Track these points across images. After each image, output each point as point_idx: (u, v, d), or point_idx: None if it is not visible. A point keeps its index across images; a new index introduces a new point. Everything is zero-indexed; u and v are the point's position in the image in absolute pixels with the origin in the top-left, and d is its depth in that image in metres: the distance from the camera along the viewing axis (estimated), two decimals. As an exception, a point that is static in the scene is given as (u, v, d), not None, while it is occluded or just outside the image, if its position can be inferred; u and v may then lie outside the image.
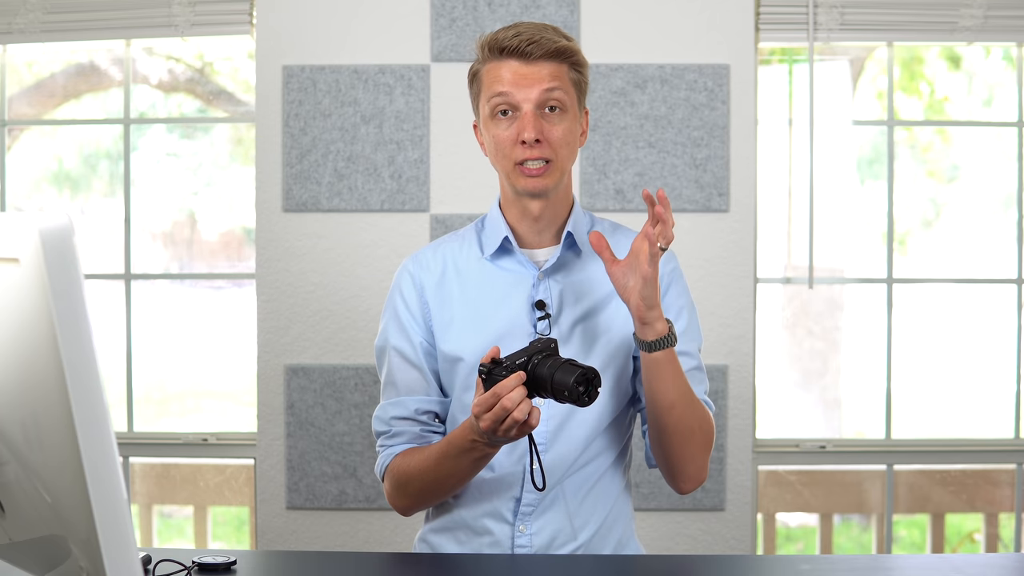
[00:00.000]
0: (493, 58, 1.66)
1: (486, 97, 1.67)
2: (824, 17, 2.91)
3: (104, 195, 3.57)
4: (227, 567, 1.54)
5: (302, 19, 2.89)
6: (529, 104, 1.63)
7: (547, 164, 1.64)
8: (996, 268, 3.31)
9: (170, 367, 3.82)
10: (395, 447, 1.72)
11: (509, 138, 1.65)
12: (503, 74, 1.64)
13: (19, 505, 0.97)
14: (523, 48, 1.63)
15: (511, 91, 1.63)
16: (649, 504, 2.86)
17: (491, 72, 1.66)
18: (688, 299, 1.76)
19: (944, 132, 3.64)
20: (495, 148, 1.67)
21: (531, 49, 1.63)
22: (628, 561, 1.70)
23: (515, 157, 1.64)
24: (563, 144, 1.65)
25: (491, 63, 1.66)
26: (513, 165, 1.65)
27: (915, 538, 4.11)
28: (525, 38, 1.63)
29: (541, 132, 1.63)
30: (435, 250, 1.78)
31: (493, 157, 1.69)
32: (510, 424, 1.48)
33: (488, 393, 1.49)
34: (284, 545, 2.92)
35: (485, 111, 1.68)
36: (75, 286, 0.82)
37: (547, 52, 1.63)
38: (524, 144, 1.63)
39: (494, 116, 1.66)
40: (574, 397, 1.48)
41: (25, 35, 2.95)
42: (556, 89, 1.64)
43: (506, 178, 1.68)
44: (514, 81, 1.63)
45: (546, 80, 1.63)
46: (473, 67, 1.71)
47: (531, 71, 1.63)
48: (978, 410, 3.70)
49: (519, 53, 1.63)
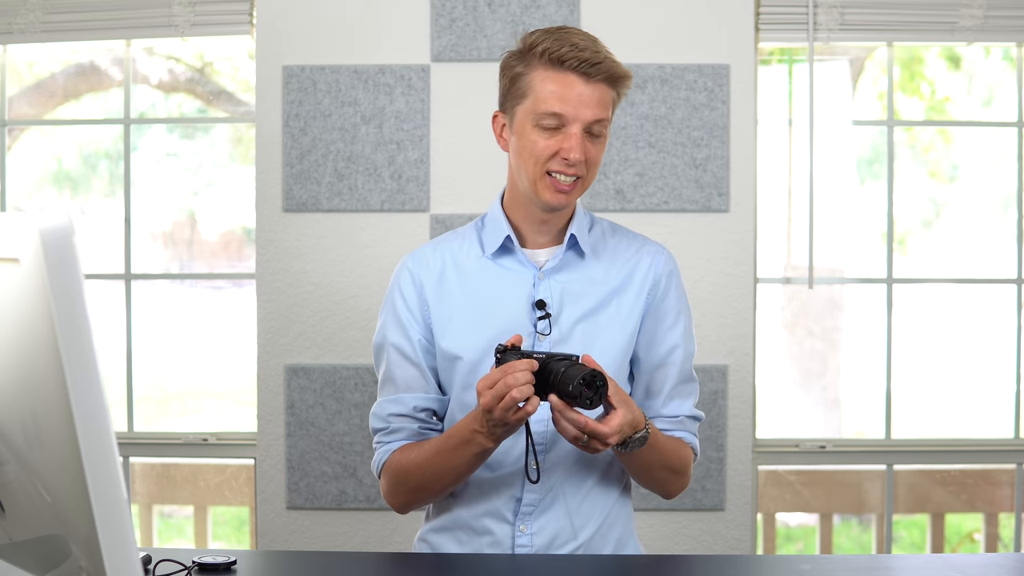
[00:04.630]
0: (551, 67, 1.61)
1: (533, 106, 1.62)
2: (824, 17, 2.91)
3: (104, 195, 3.57)
4: (227, 567, 1.54)
5: (302, 19, 2.89)
6: (578, 125, 1.61)
7: (577, 181, 1.64)
8: (996, 268, 3.31)
9: (170, 367, 3.82)
10: (392, 443, 1.72)
11: (549, 149, 1.62)
12: (559, 90, 1.60)
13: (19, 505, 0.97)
14: (585, 69, 1.60)
15: (565, 111, 1.60)
16: (649, 504, 2.86)
17: (545, 82, 1.61)
18: (685, 304, 1.77)
19: (944, 132, 3.65)
20: (529, 153, 1.64)
21: (594, 71, 1.60)
22: (628, 561, 1.70)
23: (550, 167, 1.63)
24: (595, 164, 1.66)
25: (545, 71, 1.62)
26: (544, 174, 1.64)
27: (915, 538, 4.10)
28: (588, 58, 1.60)
29: (584, 152, 1.62)
30: (435, 248, 1.78)
31: (520, 159, 1.66)
32: (508, 403, 1.49)
33: (497, 370, 1.51)
34: (284, 545, 2.92)
35: (526, 117, 1.64)
36: (75, 286, 0.82)
37: (608, 77, 1.62)
38: (565, 160, 1.61)
39: (536, 124, 1.63)
40: (576, 394, 1.48)
41: (25, 35, 2.95)
42: (603, 120, 1.63)
43: (530, 184, 1.65)
44: (572, 101, 1.60)
45: (598, 107, 1.61)
46: (514, 64, 1.66)
47: (587, 93, 1.60)
48: (978, 410, 3.70)
49: (581, 71, 1.60)
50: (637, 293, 1.73)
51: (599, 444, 1.54)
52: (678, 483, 1.76)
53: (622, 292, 1.73)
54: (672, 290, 1.75)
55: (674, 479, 1.74)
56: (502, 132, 1.70)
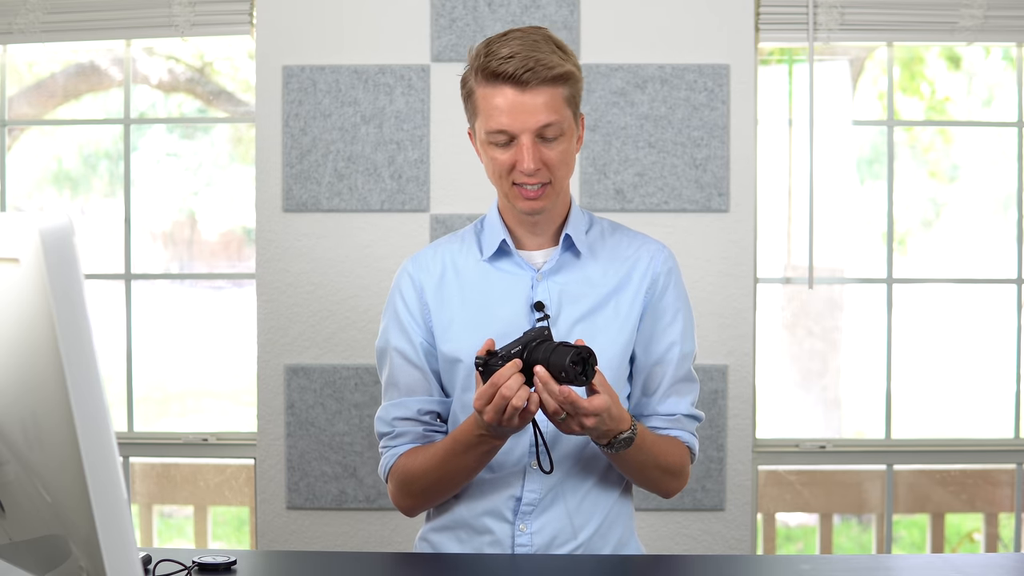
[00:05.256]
0: (487, 83, 1.61)
1: (483, 124, 1.63)
2: (824, 17, 2.91)
3: (104, 195, 3.57)
4: (227, 567, 1.54)
5: (302, 19, 2.89)
6: (527, 135, 1.60)
7: (545, 186, 1.64)
8: (996, 268, 3.31)
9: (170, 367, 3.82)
10: (398, 448, 1.72)
11: (507, 162, 1.62)
12: (499, 103, 1.60)
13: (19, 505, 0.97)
14: (519, 76, 1.58)
15: (508, 126, 1.60)
16: (649, 504, 2.86)
17: (486, 99, 1.62)
18: (685, 303, 1.77)
19: (945, 132, 3.65)
20: (492, 168, 1.65)
21: (527, 77, 1.58)
22: (628, 561, 1.70)
23: (513, 179, 1.63)
24: (560, 164, 1.64)
25: (486, 88, 1.61)
26: (511, 186, 1.64)
27: (915, 538, 4.11)
28: (520, 64, 1.57)
29: (539, 160, 1.61)
30: (435, 251, 1.78)
31: (490, 174, 1.68)
32: (511, 413, 1.49)
33: (487, 385, 1.50)
34: (284, 545, 2.92)
35: (482, 134, 1.65)
36: (75, 286, 0.82)
37: (543, 80, 1.59)
38: (522, 172, 1.61)
39: (491, 142, 1.63)
40: (571, 377, 1.48)
41: (25, 35, 2.95)
42: (553, 124, 1.60)
43: (504, 197, 1.68)
44: (511, 114, 1.59)
45: (542, 111, 1.59)
46: (467, 81, 1.66)
47: (527, 100, 1.59)
48: (978, 410, 3.70)
49: (514, 80, 1.58)
50: (635, 292, 1.73)
51: (575, 425, 1.53)
52: (674, 483, 1.75)
53: (620, 292, 1.73)
54: (671, 288, 1.75)
55: (669, 479, 1.73)
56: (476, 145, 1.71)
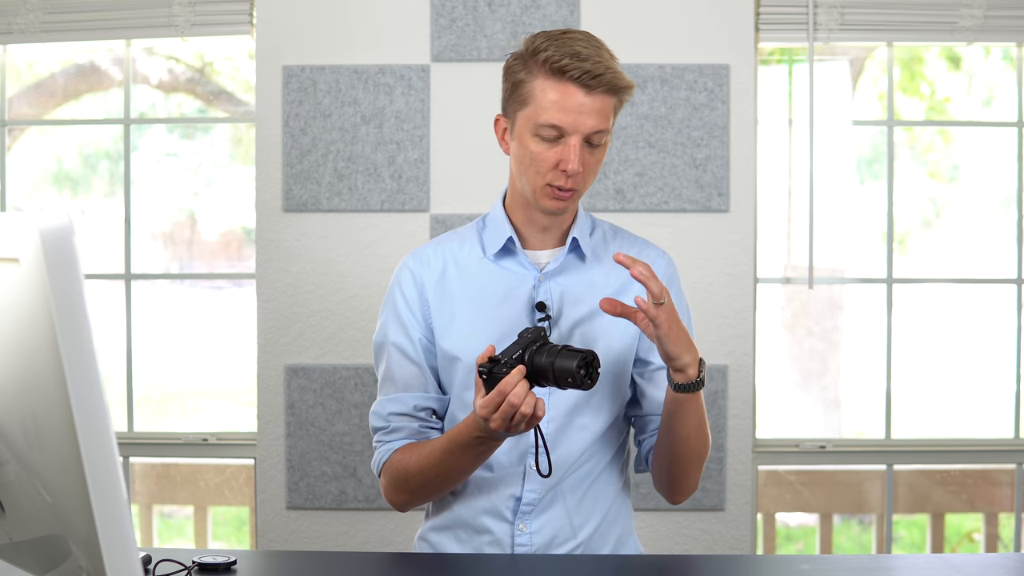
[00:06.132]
0: (552, 77, 1.60)
1: (534, 115, 1.61)
2: (824, 17, 2.91)
3: (104, 195, 3.57)
4: (227, 567, 1.54)
5: (302, 19, 2.89)
6: (578, 137, 1.60)
7: (574, 191, 1.64)
8: (996, 268, 3.31)
9: (170, 367, 3.82)
10: (393, 443, 1.72)
11: (550, 160, 1.62)
12: (559, 100, 1.59)
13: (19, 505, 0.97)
14: (586, 80, 1.58)
15: (564, 123, 1.59)
16: (649, 504, 2.86)
17: (545, 92, 1.60)
18: (685, 309, 1.76)
19: (945, 132, 3.65)
20: (529, 162, 1.63)
21: (595, 83, 1.58)
22: (628, 561, 1.70)
23: (550, 179, 1.63)
24: (592, 173, 1.65)
25: (546, 80, 1.60)
26: (544, 184, 1.63)
27: (915, 538, 4.11)
28: (590, 69, 1.57)
29: (582, 163, 1.61)
30: (436, 247, 1.78)
31: (522, 167, 1.65)
32: (519, 419, 1.49)
33: (493, 392, 1.49)
34: (284, 545, 2.92)
35: (526, 124, 1.63)
36: (75, 286, 0.82)
37: (608, 88, 1.60)
38: (563, 172, 1.61)
39: (536, 134, 1.62)
40: (577, 382, 1.48)
41: (25, 35, 2.95)
42: (603, 131, 1.61)
43: (532, 192, 1.66)
44: (570, 112, 1.59)
45: (598, 118, 1.59)
46: (517, 69, 1.64)
47: (588, 103, 1.59)
48: (978, 410, 3.70)
49: (582, 82, 1.58)
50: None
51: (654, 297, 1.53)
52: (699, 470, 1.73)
53: (622, 296, 1.72)
54: (672, 295, 1.75)
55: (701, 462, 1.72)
56: (504, 135, 1.70)
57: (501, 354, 1.52)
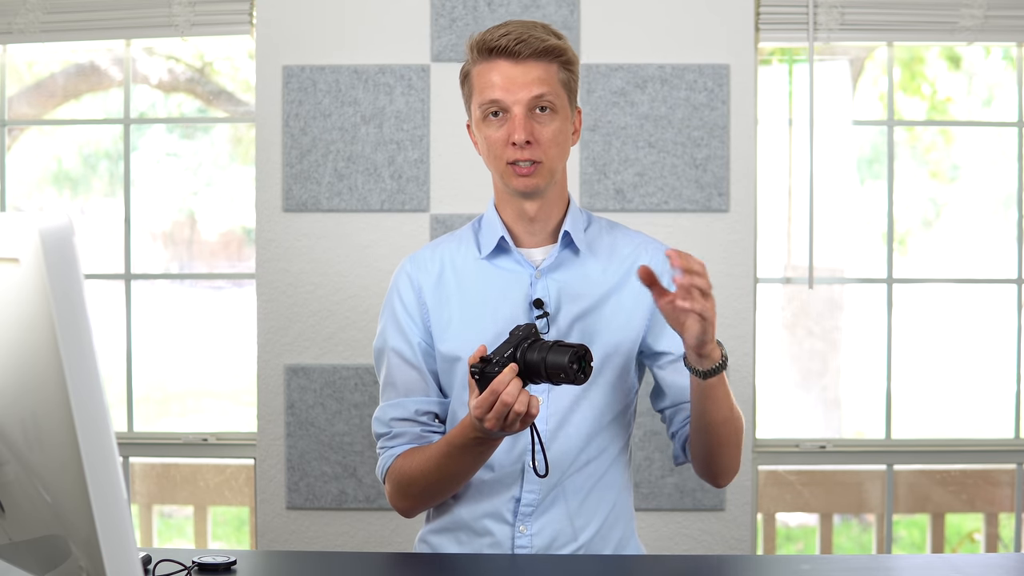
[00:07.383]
0: (483, 59, 1.66)
1: (477, 100, 1.67)
2: (824, 17, 2.91)
3: (104, 195, 3.57)
4: (227, 567, 1.54)
5: (302, 19, 2.89)
6: (519, 107, 1.63)
7: (536, 164, 1.65)
8: (996, 268, 3.31)
9: (170, 367, 3.82)
10: (396, 448, 1.72)
11: (500, 139, 1.65)
12: (493, 77, 1.65)
13: (19, 505, 0.97)
14: (512, 47, 1.63)
15: (501, 96, 1.64)
16: (649, 504, 2.86)
17: (481, 74, 1.66)
18: None
19: (946, 132, 3.65)
20: (487, 149, 1.68)
21: (520, 48, 1.63)
22: (628, 561, 1.70)
23: (506, 157, 1.65)
24: (553, 144, 1.66)
25: (481, 64, 1.67)
26: (505, 165, 1.66)
27: (915, 538, 4.11)
28: (513, 37, 1.63)
29: (531, 133, 1.63)
30: (433, 250, 1.78)
31: (486, 157, 1.70)
32: (513, 418, 1.49)
33: (486, 392, 1.49)
34: (284, 545, 2.92)
35: (477, 113, 1.69)
36: (75, 286, 0.82)
37: (536, 51, 1.64)
38: (515, 145, 1.64)
39: (485, 118, 1.67)
40: (570, 377, 1.48)
41: (25, 35, 2.95)
42: (546, 95, 1.64)
43: (499, 177, 1.69)
44: (504, 84, 1.64)
45: (535, 84, 1.63)
46: (464, 68, 1.72)
47: (520, 72, 1.64)
48: (978, 410, 3.70)
49: (508, 53, 1.63)
50: (638, 289, 1.72)
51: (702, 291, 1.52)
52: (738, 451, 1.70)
53: (621, 289, 1.72)
54: None
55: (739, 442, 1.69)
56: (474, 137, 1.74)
57: (493, 353, 1.52)
